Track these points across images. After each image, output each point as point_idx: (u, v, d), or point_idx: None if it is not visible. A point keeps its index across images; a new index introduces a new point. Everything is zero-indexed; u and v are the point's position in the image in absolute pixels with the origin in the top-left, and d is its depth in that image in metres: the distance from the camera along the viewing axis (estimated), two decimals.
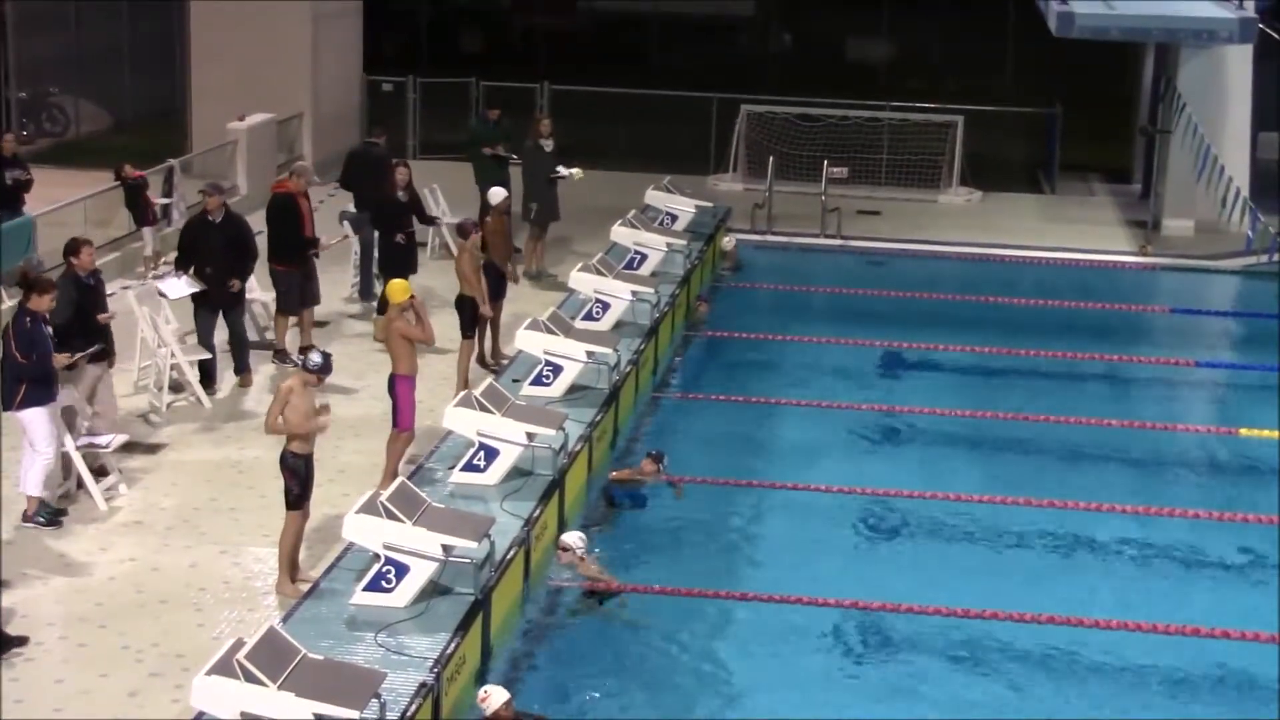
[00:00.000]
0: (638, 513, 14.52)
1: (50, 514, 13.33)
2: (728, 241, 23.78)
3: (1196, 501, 15.12)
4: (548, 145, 21.80)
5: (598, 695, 11.47)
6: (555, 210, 21.70)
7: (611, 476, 14.99)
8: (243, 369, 16.84)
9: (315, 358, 12.20)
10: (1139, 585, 13.61)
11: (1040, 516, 14.60)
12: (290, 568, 12.29)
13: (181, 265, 16.73)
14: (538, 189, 21.31)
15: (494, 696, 10.51)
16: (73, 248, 14.42)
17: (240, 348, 16.87)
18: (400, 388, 13.92)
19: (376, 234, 18.77)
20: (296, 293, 17.42)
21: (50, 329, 13.31)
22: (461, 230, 16.99)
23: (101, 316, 14.36)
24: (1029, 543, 14.27)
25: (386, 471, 13.91)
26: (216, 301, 16.55)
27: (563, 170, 21.46)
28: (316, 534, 13.04)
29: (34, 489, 13.20)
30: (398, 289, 14.10)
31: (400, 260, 18.11)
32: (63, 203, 20.21)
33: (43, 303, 13.24)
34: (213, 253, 16.49)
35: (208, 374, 16.49)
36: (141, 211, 20.57)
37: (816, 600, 12.76)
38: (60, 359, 13.38)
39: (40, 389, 13.13)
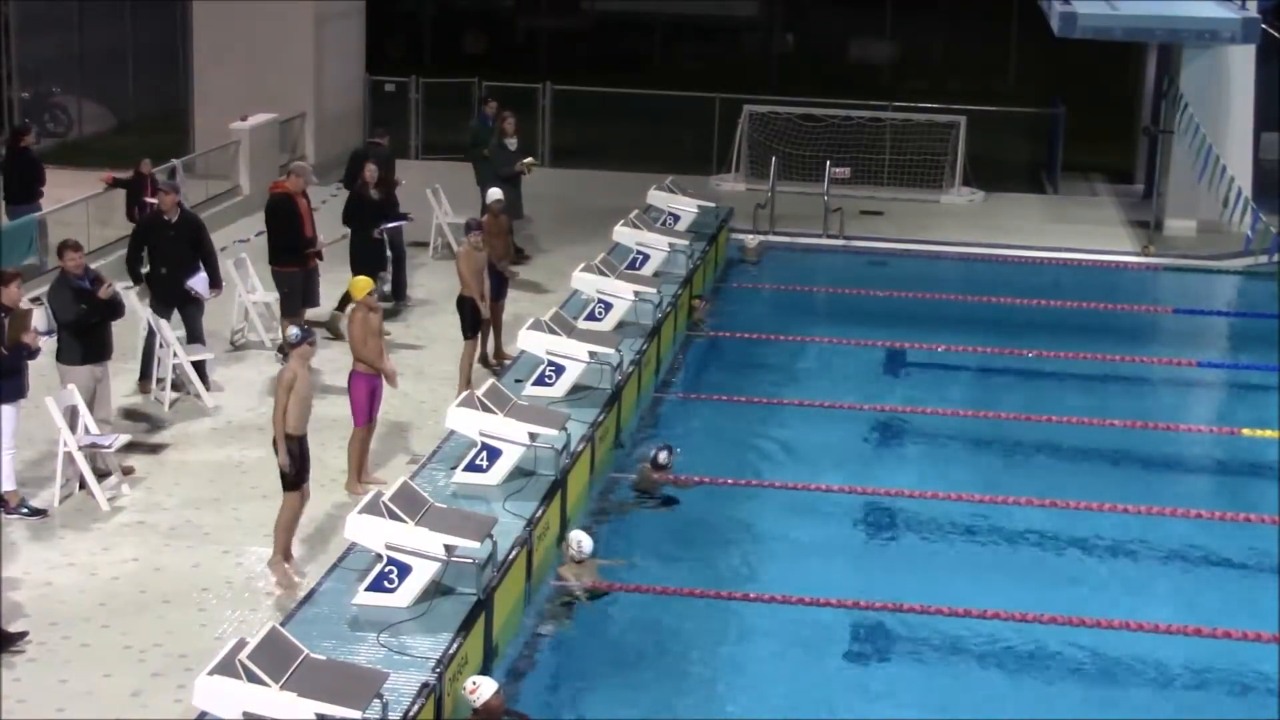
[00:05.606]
0: (641, 513, 14.57)
1: (31, 507, 13.41)
2: (750, 239, 23.96)
3: (1197, 501, 15.12)
4: (512, 144, 21.96)
5: (598, 694, 11.48)
6: (518, 208, 21.77)
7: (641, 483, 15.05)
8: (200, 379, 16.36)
9: (294, 331, 12.46)
10: (1139, 585, 13.62)
11: (1041, 516, 14.60)
12: (284, 547, 12.36)
13: (131, 263, 16.59)
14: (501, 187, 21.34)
15: (484, 687, 10.53)
16: (59, 252, 14.45)
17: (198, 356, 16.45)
18: (353, 384, 14.05)
19: (349, 230, 18.74)
20: (300, 294, 17.40)
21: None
22: (466, 228, 17.02)
23: (102, 291, 14.17)
24: (1030, 543, 14.27)
25: (351, 470, 14.11)
26: (170, 300, 16.34)
27: (519, 164, 21.75)
28: (318, 534, 13.08)
29: (9, 483, 13.31)
30: (360, 285, 14.19)
31: (372, 257, 18.15)
32: (65, 203, 20.23)
33: (10, 294, 13.25)
34: (167, 251, 16.30)
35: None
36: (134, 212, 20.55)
37: (818, 600, 12.76)
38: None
39: (11, 384, 13.16)
